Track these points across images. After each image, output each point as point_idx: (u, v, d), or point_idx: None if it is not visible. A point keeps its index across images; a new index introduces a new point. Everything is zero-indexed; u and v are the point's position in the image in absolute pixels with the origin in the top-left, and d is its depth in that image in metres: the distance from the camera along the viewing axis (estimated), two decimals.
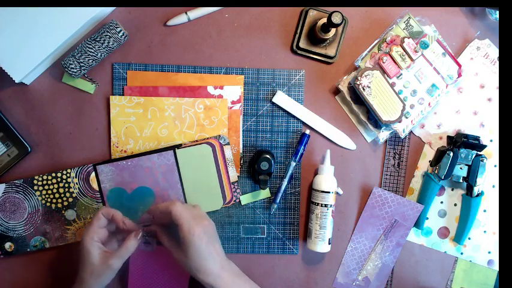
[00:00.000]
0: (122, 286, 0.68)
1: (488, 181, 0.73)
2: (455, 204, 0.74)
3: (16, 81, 0.62)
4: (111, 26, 0.64)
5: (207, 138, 0.69)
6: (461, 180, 0.71)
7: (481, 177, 0.70)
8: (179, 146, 0.68)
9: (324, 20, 0.66)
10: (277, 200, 0.71)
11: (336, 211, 0.72)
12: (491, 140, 0.73)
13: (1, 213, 0.67)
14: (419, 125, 0.73)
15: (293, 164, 0.70)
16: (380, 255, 0.72)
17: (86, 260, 0.57)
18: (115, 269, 0.58)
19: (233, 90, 0.70)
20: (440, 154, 0.71)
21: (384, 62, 0.67)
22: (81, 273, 0.58)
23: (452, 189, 0.74)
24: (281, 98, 0.70)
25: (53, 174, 0.67)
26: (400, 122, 0.68)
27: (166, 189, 0.68)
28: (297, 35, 0.69)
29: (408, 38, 0.68)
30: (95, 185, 0.68)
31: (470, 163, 0.70)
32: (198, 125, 0.69)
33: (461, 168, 0.70)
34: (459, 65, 0.69)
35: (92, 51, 0.64)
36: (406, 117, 0.69)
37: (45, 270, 0.69)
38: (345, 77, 0.69)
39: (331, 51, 0.70)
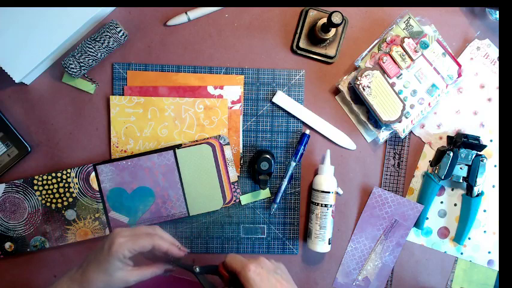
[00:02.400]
0: None
1: (488, 181, 0.73)
2: (455, 204, 0.74)
3: (16, 81, 0.62)
4: (111, 26, 0.64)
5: (207, 138, 0.69)
6: (461, 180, 0.71)
7: (481, 177, 0.70)
8: (179, 146, 0.68)
9: (324, 20, 0.66)
10: (277, 200, 0.71)
11: (336, 211, 0.72)
12: (491, 140, 0.73)
13: (1, 213, 0.67)
14: (419, 125, 0.73)
15: (293, 164, 0.70)
16: (380, 255, 0.72)
17: (105, 269, 0.52)
18: (130, 285, 0.54)
19: (233, 90, 0.70)
20: (440, 154, 0.71)
21: (383, 62, 0.67)
22: (90, 274, 0.53)
23: (452, 189, 0.74)
24: (281, 98, 0.70)
25: (53, 174, 0.67)
26: (400, 122, 0.68)
27: (166, 189, 0.68)
28: (297, 35, 0.69)
29: (408, 38, 0.68)
30: (95, 185, 0.68)
31: (470, 163, 0.70)
32: (198, 125, 0.69)
33: (461, 168, 0.70)
34: (459, 65, 0.69)
35: (92, 51, 0.64)
36: (406, 117, 0.69)
37: (45, 270, 0.69)
38: (345, 77, 0.69)
39: (331, 51, 0.70)
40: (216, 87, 0.69)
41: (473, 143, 0.69)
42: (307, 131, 0.70)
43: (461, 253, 0.74)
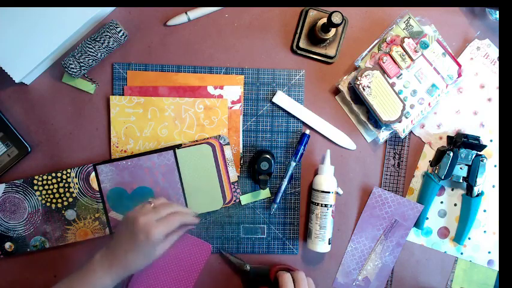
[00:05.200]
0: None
1: (488, 181, 0.73)
2: (455, 204, 0.74)
3: (16, 81, 0.62)
4: (111, 26, 0.64)
5: (207, 138, 0.69)
6: (461, 180, 0.71)
7: (481, 177, 0.70)
8: (179, 146, 0.68)
9: (324, 20, 0.66)
10: (277, 200, 0.71)
11: (336, 211, 0.72)
12: (491, 140, 0.73)
13: (1, 213, 0.67)
14: (419, 125, 0.73)
15: (293, 164, 0.70)
16: (380, 255, 0.72)
17: (147, 254, 0.58)
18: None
19: (233, 90, 0.70)
20: (440, 154, 0.71)
21: (383, 62, 0.67)
22: (132, 261, 0.57)
23: (452, 189, 0.74)
24: (281, 98, 0.70)
25: (53, 174, 0.67)
26: (400, 122, 0.68)
27: (166, 189, 0.68)
28: (297, 35, 0.69)
29: (408, 38, 0.68)
30: (95, 185, 0.68)
31: (470, 163, 0.70)
32: (198, 125, 0.69)
33: (461, 168, 0.70)
34: (459, 65, 0.69)
35: (92, 51, 0.64)
36: (406, 117, 0.69)
37: (45, 270, 0.69)
38: (345, 77, 0.69)
39: (331, 51, 0.70)
40: (216, 87, 0.69)
41: (473, 143, 0.69)
42: (307, 131, 0.70)
43: (461, 253, 0.74)
